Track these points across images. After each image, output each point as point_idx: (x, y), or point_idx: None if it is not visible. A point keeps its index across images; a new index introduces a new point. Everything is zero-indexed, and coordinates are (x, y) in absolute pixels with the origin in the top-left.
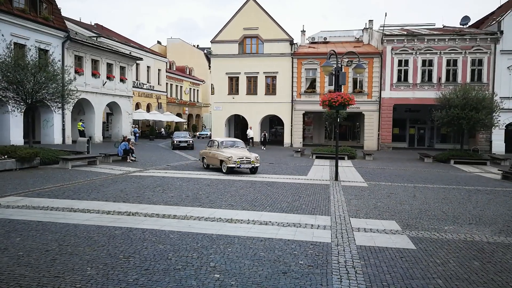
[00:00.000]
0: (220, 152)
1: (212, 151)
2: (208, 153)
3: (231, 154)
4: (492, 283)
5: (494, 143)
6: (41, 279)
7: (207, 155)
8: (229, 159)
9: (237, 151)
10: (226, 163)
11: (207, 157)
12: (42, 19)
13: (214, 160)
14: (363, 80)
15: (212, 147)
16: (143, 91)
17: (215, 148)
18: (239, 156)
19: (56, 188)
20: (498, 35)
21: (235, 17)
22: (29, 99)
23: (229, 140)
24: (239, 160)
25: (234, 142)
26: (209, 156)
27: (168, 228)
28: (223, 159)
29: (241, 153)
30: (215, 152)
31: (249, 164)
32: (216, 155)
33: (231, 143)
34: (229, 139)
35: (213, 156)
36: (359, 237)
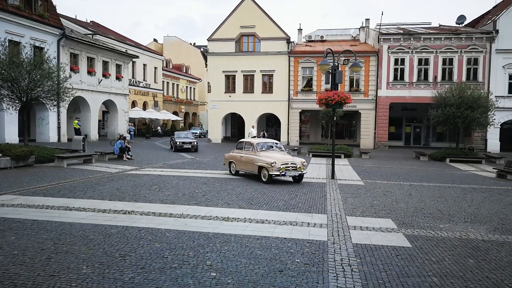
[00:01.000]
0: (257, 157)
1: (245, 154)
2: (238, 157)
3: (274, 159)
4: (487, 281)
5: (489, 141)
6: (36, 278)
7: (237, 159)
8: (272, 166)
9: (278, 155)
10: (268, 170)
11: (237, 162)
12: (37, 16)
13: (249, 166)
14: (359, 78)
15: (243, 150)
16: (139, 89)
17: (248, 151)
18: (283, 162)
19: (51, 187)
20: (494, 34)
21: (232, 15)
22: (24, 97)
23: (266, 141)
24: (284, 167)
25: (272, 144)
26: (241, 161)
27: (164, 226)
28: (264, 165)
29: (284, 157)
30: (250, 157)
31: (295, 171)
32: (252, 160)
33: (269, 144)
34: (265, 140)
35: (247, 161)
36: (355, 235)
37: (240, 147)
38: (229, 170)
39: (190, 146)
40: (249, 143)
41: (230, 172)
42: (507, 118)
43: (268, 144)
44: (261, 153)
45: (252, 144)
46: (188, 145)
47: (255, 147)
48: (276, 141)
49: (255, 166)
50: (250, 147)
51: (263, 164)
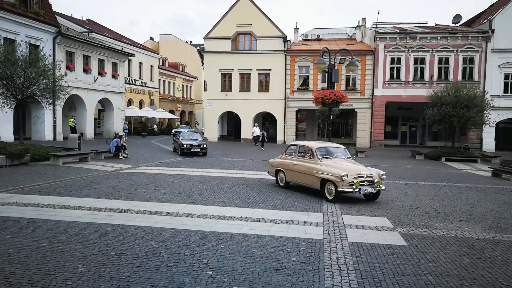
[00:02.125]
0: (319, 166)
1: (299, 162)
2: (290, 166)
3: (344, 170)
4: (482, 279)
5: (484, 140)
6: (32, 277)
7: (288, 168)
8: (342, 179)
9: (348, 165)
10: (336, 185)
11: (288, 172)
12: (33, 14)
13: (306, 178)
14: (355, 77)
15: (296, 156)
16: (135, 87)
17: (305, 159)
18: (356, 174)
19: (47, 185)
20: (490, 34)
21: (228, 14)
22: (19, 95)
23: (328, 146)
24: (358, 181)
25: (335, 149)
26: (294, 170)
27: (160, 225)
28: (330, 178)
29: (356, 167)
30: (308, 166)
31: (372, 186)
32: (311, 171)
33: (332, 150)
34: (327, 144)
35: (303, 171)
36: (351, 233)
37: (291, 152)
38: (276, 180)
39: (200, 149)
40: (305, 147)
41: (278, 184)
42: (503, 117)
43: (332, 150)
44: (323, 161)
45: (310, 149)
46: (197, 148)
47: (315, 153)
48: (340, 145)
49: (316, 178)
50: (307, 152)
51: (329, 176)
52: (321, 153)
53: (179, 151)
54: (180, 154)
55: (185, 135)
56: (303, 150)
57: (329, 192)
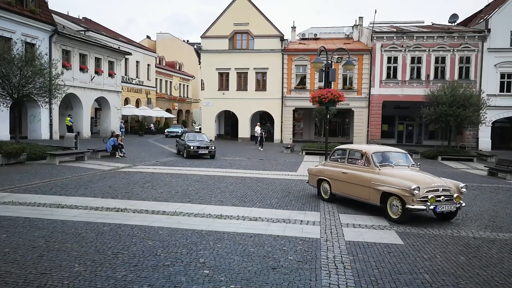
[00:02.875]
0: (379, 176)
1: (350, 170)
2: (337, 174)
3: (414, 182)
4: (478, 277)
5: (481, 140)
6: (28, 276)
7: (334, 177)
8: (413, 193)
9: (414, 174)
10: (405, 201)
11: (334, 182)
12: (29, 12)
13: (361, 191)
14: (352, 76)
15: (345, 163)
16: (132, 86)
17: (357, 166)
18: (430, 187)
19: (43, 184)
20: (486, 33)
21: (225, 13)
22: (15, 94)
23: (386, 151)
24: (433, 196)
25: (395, 155)
26: (345, 180)
27: (157, 224)
28: (396, 191)
29: (427, 178)
30: (364, 176)
31: (451, 203)
32: (368, 182)
33: (390, 156)
34: (383, 148)
35: (357, 183)
36: (348, 232)
37: (338, 158)
38: (319, 192)
39: (208, 151)
40: (358, 152)
41: (321, 196)
42: (499, 116)
43: (392, 155)
44: (383, 169)
45: (364, 155)
46: (205, 150)
47: (372, 159)
48: (399, 149)
49: (374, 191)
50: (360, 158)
51: (393, 189)
52: (379, 160)
53: (185, 154)
54: (186, 156)
55: (191, 135)
56: (354, 155)
57: (392, 210)
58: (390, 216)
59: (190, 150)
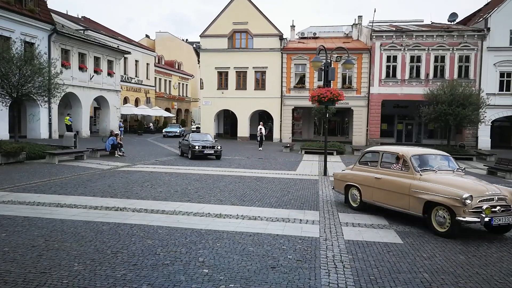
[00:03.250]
0: (421, 183)
1: (385, 176)
2: (369, 180)
3: (465, 190)
4: (477, 277)
5: (480, 139)
6: (27, 275)
7: (365, 182)
8: (465, 203)
9: (463, 181)
10: (455, 212)
11: (366, 188)
12: (28, 11)
13: (399, 199)
14: (352, 75)
15: (378, 167)
16: (131, 85)
17: (393, 171)
18: (483, 195)
19: (42, 183)
20: (485, 32)
21: (225, 12)
22: (14, 93)
23: (426, 153)
24: (489, 206)
25: (437, 158)
26: (379, 187)
27: (156, 223)
28: (444, 200)
29: (479, 185)
30: (402, 182)
31: (509, 214)
32: (407, 189)
33: (432, 159)
34: (422, 150)
35: (395, 190)
36: (347, 231)
37: (369, 162)
38: (346, 199)
39: (213, 151)
40: (394, 155)
41: (349, 203)
42: (498, 115)
43: (433, 158)
44: (425, 175)
45: (402, 158)
46: (211, 150)
47: (411, 163)
48: (441, 151)
49: (415, 200)
50: (397, 162)
51: (440, 198)
52: (419, 163)
53: (189, 155)
54: (190, 157)
55: (194, 135)
56: (389, 158)
57: (439, 222)
58: (436, 229)
59: (195, 151)
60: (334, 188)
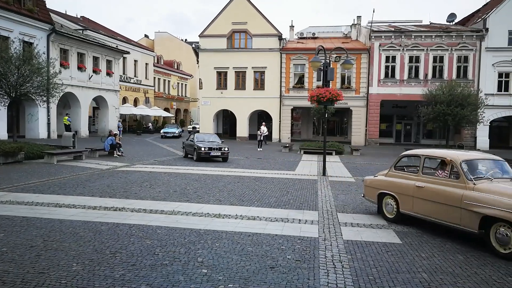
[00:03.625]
0: (476, 194)
1: (430, 184)
2: (409, 188)
3: None
4: (476, 276)
5: (479, 139)
6: (25, 276)
7: (407, 192)
8: None
9: None
10: None
11: (407, 198)
12: (26, 11)
13: (447, 212)
14: (351, 76)
15: (420, 174)
16: (130, 85)
17: (441, 179)
18: None
19: (41, 183)
20: (484, 33)
21: (224, 12)
22: (13, 93)
23: (478, 158)
24: None
25: (490, 164)
26: (421, 197)
27: (155, 223)
28: (507, 216)
29: None
30: (451, 192)
31: None
32: (458, 200)
33: (485, 165)
34: (474, 155)
35: (442, 201)
36: (346, 231)
37: (407, 167)
38: (379, 209)
39: (220, 153)
40: (440, 160)
41: (384, 215)
42: (496, 115)
43: (487, 165)
44: (480, 184)
45: (450, 164)
46: (217, 152)
47: (462, 170)
48: (494, 156)
49: (469, 214)
50: (444, 168)
51: (501, 213)
52: (472, 170)
53: (195, 156)
54: (196, 159)
55: (200, 136)
56: (434, 164)
57: (501, 241)
58: (497, 250)
59: (201, 152)
60: (365, 196)
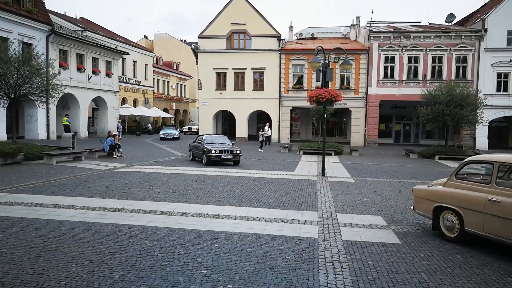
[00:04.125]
0: None
1: (509, 199)
2: (481, 203)
3: None
4: (475, 277)
5: (478, 139)
6: (25, 277)
7: (476, 207)
8: None
9: None
10: None
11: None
12: (26, 12)
13: None
14: (350, 76)
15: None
16: (129, 86)
17: None
18: None
19: (40, 184)
20: (483, 33)
21: (223, 12)
22: (12, 94)
23: None
24: None
25: None
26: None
27: (154, 224)
28: None
29: None
30: None
31: None
32: None
33: None
34: None
35: None
36: (346, 232)
37: (474, 176)
38: (435, 225)
39: (232, 156)
40: None
41: (441, 232)
42: (495, 116)
43: None
44: None
45: None
46: (229, 155)
47: None
48: None
49: None
50: None
51: None
52: None
53: (204, 160)
54: (205, 163)
55: (208, 138)
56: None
57: None
58: None
59: (211, 155)
60: (415, 209)
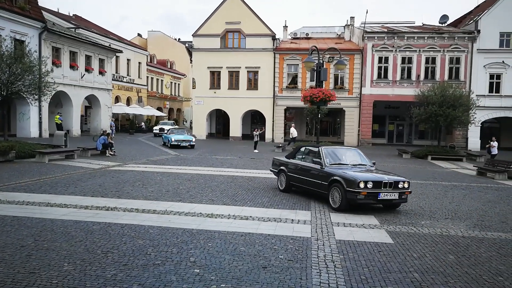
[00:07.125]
0: None
1: None
2: None
3: None
4: (466, 276)
5: (470, 140)
6: (16, 275)
7: None
8: None
9: None
10: None
11: None
12: (18, 8)
13: None
14: (344, 76)
15: None
16: (123, 84)
17: None
18: None
19: (32, 182)
20: (476, 34)
21: (217, 11)
22: (4, 91)
23: None
24: None
25: None
26: None
27: (147, 223)
28: None
29: None
30: None
31: None
32: None
33: None
34: None
35: None
36: (339, 231)
37: None
38: None
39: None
40: None
41: None
42: (488, 116)
43: None
44: None
45: None
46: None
47: None
48: None
49: None
50: None
51: None
52: None
53: None
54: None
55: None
56: None
57: None
58: None
59: None
60: None
